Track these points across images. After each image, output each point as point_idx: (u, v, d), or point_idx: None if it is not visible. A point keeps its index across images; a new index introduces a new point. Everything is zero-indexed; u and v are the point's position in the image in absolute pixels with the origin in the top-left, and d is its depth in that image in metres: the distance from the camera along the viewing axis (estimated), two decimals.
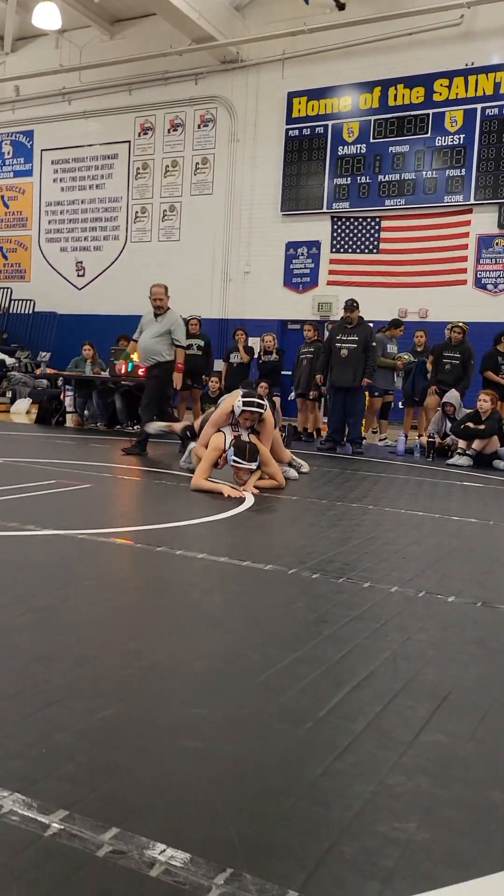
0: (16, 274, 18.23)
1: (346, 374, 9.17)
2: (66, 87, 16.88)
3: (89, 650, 2.16)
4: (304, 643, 2.30)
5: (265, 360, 11.11)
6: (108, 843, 1.26)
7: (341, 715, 1.82)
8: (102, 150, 16.89)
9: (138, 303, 16.00)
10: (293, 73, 14.40)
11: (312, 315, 14.14)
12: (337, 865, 1.25)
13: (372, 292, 13.35)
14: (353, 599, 2.81)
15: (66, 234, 17.50)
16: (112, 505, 4.87)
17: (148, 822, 1.34)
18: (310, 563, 3.36)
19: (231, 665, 2.11)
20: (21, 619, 2.36)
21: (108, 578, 2.99)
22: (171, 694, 1.89)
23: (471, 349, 9.78)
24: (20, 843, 1.25)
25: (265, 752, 1.63)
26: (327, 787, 1.49)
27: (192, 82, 15.59)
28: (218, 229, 15.46)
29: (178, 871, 1.21)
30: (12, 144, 18.23)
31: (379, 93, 13.60)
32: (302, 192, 14.44)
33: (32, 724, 1.68)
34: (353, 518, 4.59)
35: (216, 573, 3.12)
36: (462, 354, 9.70)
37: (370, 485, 6.27)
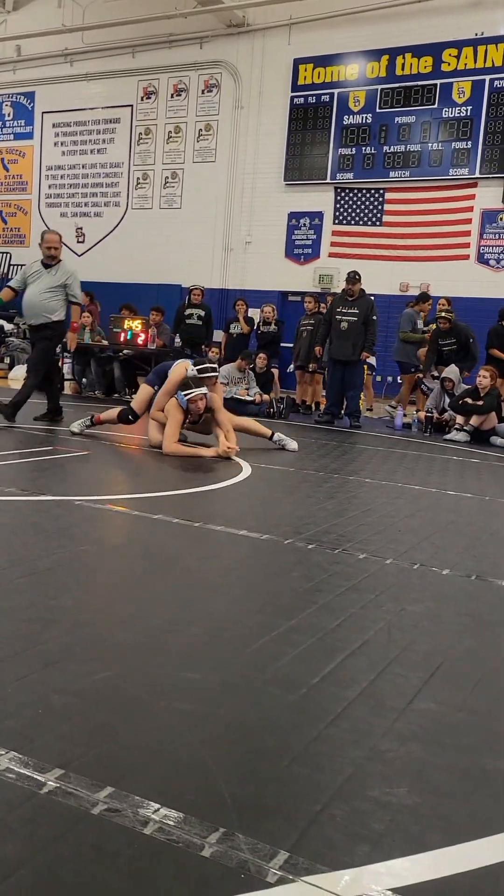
0: (15, 239, 18.04)
1: (345, 347, 9.13)
2: (69, 48, 16.56)
3: (86, 614, 2.18)
4: (299, 612, 2.32)
5: (264, 331, 11.06)
6: (102, 802, 1.28)
7: (335, 682, 1.83)
8: (104, 114, 16.63)
9: (139, 271, 15.92)
10: (300, 39, 14.14)
11: (313, 287, 14.04)
12: (328, 827, 1.27)
13: (374, 265, 13.24)
14: (349, 570, 2.83)
15: (67, 200, 17.29)
16: (110, 472, 4.87)
17: (142, 781, 1.36)
18: (306, 533, 3.37)
19: (226, 631, 2.12)
20: (19, 582, 2.37)
21: (106, 544, 3.00)
22: (167, 658, 1.91)
23: (465, 330, 9.70)
24: (16, 799, 1.27)
25: (259, 716, 1.65)
26: (320, 752, 1.51)
27: (197, 46, 15.31)
28: (220, 198, 15.28)
29: (171, 829, 1.22)
30: (13, 106, 17.93)
31: (386, 61, 13.36)
32: (306, 162, 14.26)
33: (29, 684, 1.69)
34: (350, 490, 4.60)
35: (213, 541, 3.13)
36: (458, 337, 9.64)
37: (367, 458, 6.28)
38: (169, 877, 1.11)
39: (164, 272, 15.66)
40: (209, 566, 2.80)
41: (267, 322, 11.07)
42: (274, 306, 11.51)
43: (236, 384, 9.86)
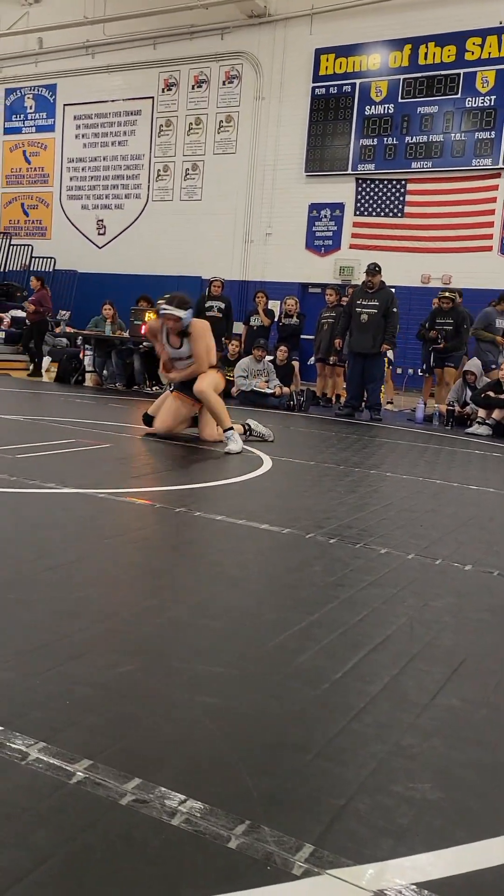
0: (37, 231, 18.14)
1: (365, 340, 9.11)
2: (90, 40, 16.60)
3: (109, 606, 2.20)
4: (321, 606, 2.33)
5: (285, 323, 11.05)
6: (130, 793, 1.30)
7: (358, 677, 1.84)
8: (125, 106, 16.66)
9: (159, 263, 15.96)
10: (321, 29, 14.07)
11: (334, 279, 14.00)
12: (352, 821, 1.28)
13: (395, 257, 13.18)
14: (370, 565, 2.83)
15: (88, 192, 17.36)
16: (131, 465, 4.90)
17: (168, 773, 1.38)
18: (327, 527, 3.38)
19: (247, 625, 2.14)
20: (43, 575, 2.40)
21: (128, 537, 3.02)
22: (189, 651, 1.93)
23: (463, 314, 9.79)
24: (46, 788, 1.29)
25: (281, 710, 1.66)
26: (343, 746, 1.52)
27: (219, 37, 15.29)
28: (240, 189, 15.27)
29: (197, 820, 1.24)
30: (35, 98, 18.01)
31: (409, 51, 13.27)
32: (327, 153, 14.21)
33: (55, 676, 1.72)
34: (371, 484, 4.60)
35: (234, 535, 3.15)
36: (455, 320, 9.69)
37: (388, 452, 6.27)
38: (197, 867, 1.13)
39: (184, 264, 15.69)
40: (231, 560, 2.82)
41: (289, 314, 11.05)
42: (296, 299, 11.49)
43: (256, 376, 9.87)
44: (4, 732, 1.46)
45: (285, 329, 11.02)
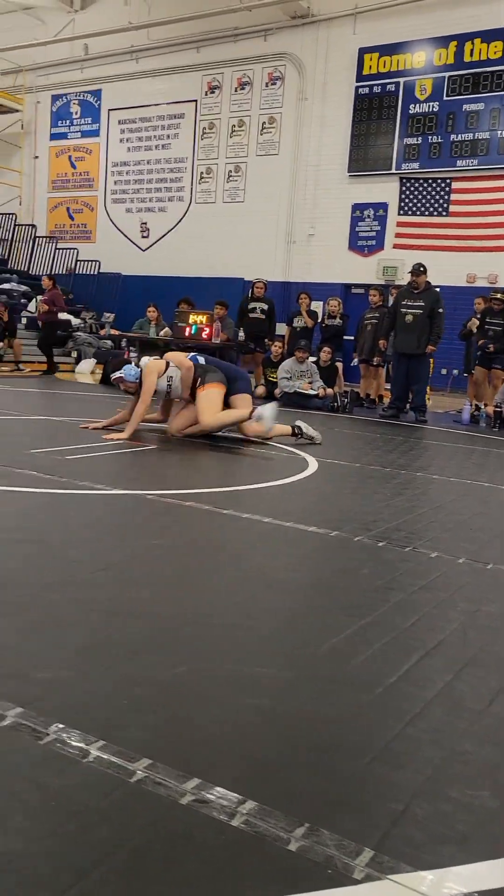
0: (82, 235, 18.40)
1: (410, 340, 9.05)
2: (135, 45, 16.78)
3: (161, 607, 2.23)
4: (371, 610, 2.32)
5: (328, 324, 11.02)
6: (189, 793, 1.32)
7: (411, 682, 1.84)
8: (169, 110, 16.81)
9: (202, 265, 16.05)
10: (365, 28, 14.01)
11: (377, 279, 13.92)
12: (411, 827, 1.28)
13: (440, 256, 13.05)
14: (420, 569, 2.81)
15: (132, 195, 17.55)
16: (177, 466, 4.94)
17: (225, 774, 1.39)
18: (375, 530, 3.36)
19: (298, 628, 2.15)
20: (96, 576, 2.44)
21: (177, 538, 3.05)
22: (241, 653, 1.94)
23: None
24: (108, 786, 1.32)
25: (336, 713, 1.67)
26: (399, 751, 1.52)
27: (262, 39, 15.33)
28: (283, 190, 15.28)
29: (256, 822, 1.25)
30: (80, 104, 18.27)
31: (454, 48, 13.13)
32: (370, 153, 14.14)
33: (112, 676, 1.75)
34: (418, 487, 4.57)
35: (282, 537, 3.16)
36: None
37: (434, 453, 6.21)
38: (258, 869, 1.14)
39: (226, 266, 15.76)
40: (279, 562, 2.83)
41: (332, 315, 11.02)
42: (339, 300, 11.46)
43: (299, 378, 9.86)
44: (66, 730, 1.49)
45: (328, 330, 10.99)
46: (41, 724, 1.51)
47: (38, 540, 2.80)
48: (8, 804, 1.25)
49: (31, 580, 2.35)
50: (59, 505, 3.42)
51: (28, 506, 3.35)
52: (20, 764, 1.37)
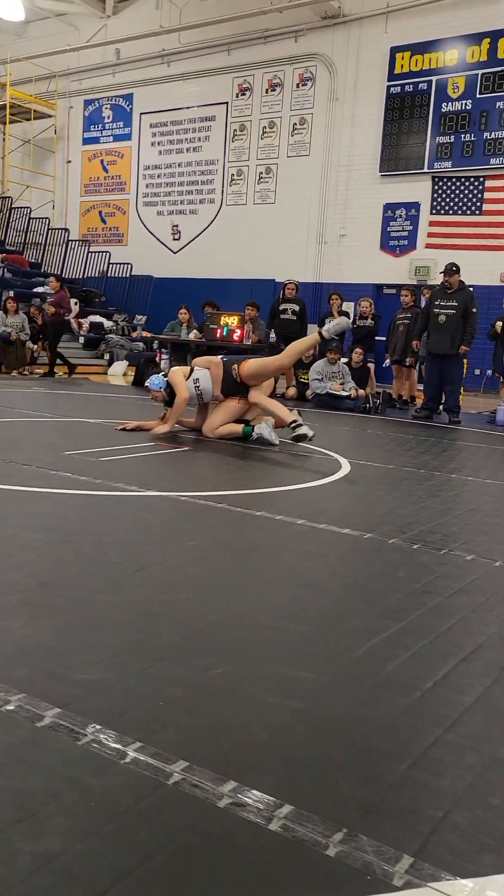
0: (114, 238, 18.55)
1: (443, 341, 8.96)
2: (166, 49, 16.88)
3: (197, 609, 2.23)
4: (407, 613, 2.30)
5: (360, 325, 10.96)
6: (227, 795, 1.32)
7: (450, 687, 1.82)
8: (200, 112, 16.87)
9: (233, 266, 16.09)
10: (397, 27, 13.93)
11: (409, 279, 13.82)
12: (451, 834, 1.26)
13: (473, 255, 12.91)
14: (456, 572, 2.78)
15: (163, 198, 17.65)
16: (210, 468, 4.95)
17: (263, 777, 1.39)
18: (410, 532, 3.34)
19: (334, 631, 2.14)
20: (133, 577, 2.46)
21: (210, 540, 3.06)
22: (277, 655, 1.94)
23: None
24: (146, 788, 1.32)
25: (374, 718, 1.65)
26: (438, 757, 1.50)
27: (292, 40, 15.32)
28: (314, 191, 15.25)
29: (294, 826, 1.25)
30: (112, 108, 18.42)
31: (488, 45, 13.00)
32: (402, 152, 14.04)
33: (149, 677, 1.75)
34: (453, 489, 4.52)
35: (316, 539, 3.15)
36: None
37: (469, 455, 6.14)
38: (297, 874, 1.14)
39: (258, 267, 15.77)
40: (314, 564, 2.82)
41: (363, 316, 10.96)
42: (371, 300, 11.39)
43: (330, 379, 9.82)
44: (103, 731, 1.50)
45: (360, 331, 10.93)
46: (79, 724, 1.52)
47: (74, 541, 2.83)
48: (48, 804, 1.26)
49: (67, 581, 2.37)
50: (94, 506, 3.45)
51: (63, 507, 3.38)
52: (59, 764, 1.38)
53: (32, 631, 1.97)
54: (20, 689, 1.64)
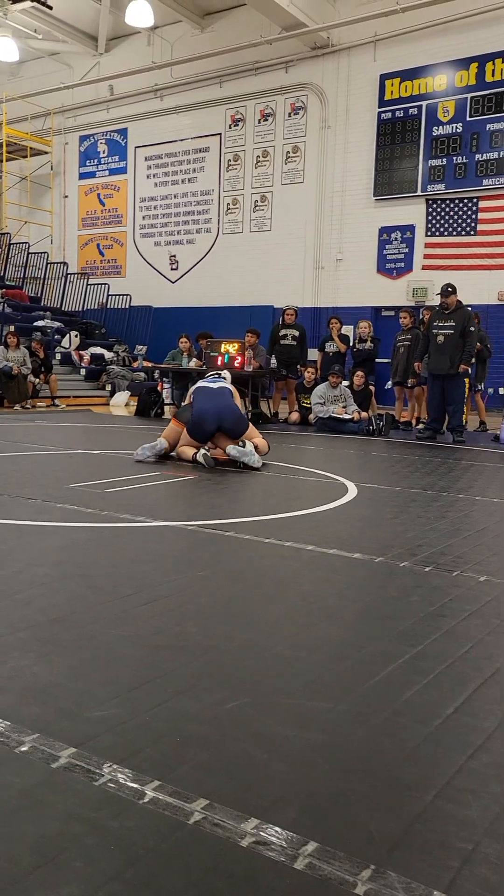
0: (112, 270, 18.70)
1: (442, 361, 8.98)
2: (158, 84, 17.15)
3: (210, 640, 2.20)
4: (423, 638, 2.27)
5: (360, 348, 11.00)
6: (249, 834, 1.28)
7: (470, 713, 1.78)
8: (194, 144, 17.09)
9: (231, 294, 16.19)
10: (385, 55, 14.15)
11: (407, 301, 13.90)
12: (483, 867, 1.23)
13: (470, 275, 13.00)
14: (470, 594, 2.75)
15: (160, 229, 17.82)
16: (216, 496, 4.93)
17: (285, 813, 1.36)
18: (421, 555, 3.31)
19: (350, 658, 2.10)
20: (142, 609, 2.43)
21: (220, 569, 3.03)
22: (293, 685, 1.90)
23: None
24: (166, 829, 1.29)
25: (394, 748, 1.62)
26: (463, 786, 1.47)
27: (283, 71, 15.55)
28: (309, 217, 15.39)
29: (320, 864, 1.21)
30: (107, 143, 18.67)
31: (476, 69, 13.19)
32: (395, 176, 14.20)
33: (164, 712, 1.72)
34: (461, 509, 4.49)
35: (326, 565, 3.12)
36: None
37: (475, 475, 6.12)
38: None
39: (256, 294, 15.88)
40: (325, 591, 2.79)
41: (363, 339, 11.00)
42: (370, 323, 11.43)
43: (333, 403, 9.83)
44: (119, 770, 1.47)
45: (360, 354, 10.96)
46: (94, 764, 1.49)
47: (83, 575, 2.80)
48: (67, 848, 1.23)
49: (78, 616, 2.34)
50: (102, 539, 3.43)
51: (71, 541, 3.36)
52: (77, 806, 1.35)
53: (44, 668, 1.94)
54: (34, 729, 1.61)
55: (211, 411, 6.00)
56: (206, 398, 6.10)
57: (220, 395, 6.16)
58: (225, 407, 6.06)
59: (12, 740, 1.57)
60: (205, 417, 5.98)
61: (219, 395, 6.16)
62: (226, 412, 6.04)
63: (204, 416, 5.98)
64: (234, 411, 6.12)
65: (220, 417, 6.01)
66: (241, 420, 6.20)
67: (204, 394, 6.17)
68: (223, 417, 6.02)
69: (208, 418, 5.98)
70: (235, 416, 6.11)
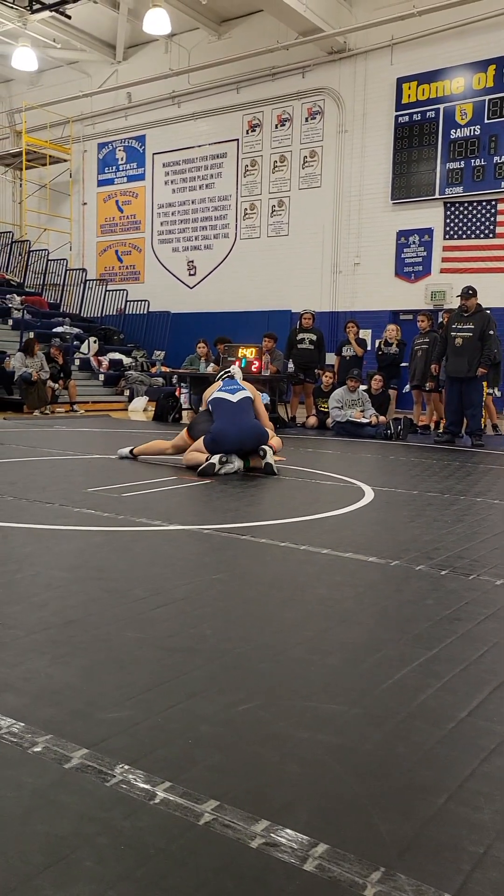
0: (131, 276, 18.80)
1: (460, 364, 8.94)
2: (176, 91, 17.23)
3: (225, 643, 2.20)
4: (438, 641, 2.26)
5: (385, 352, 10.95)
6: (259, 835, 1.29)
7: (485, 716, 1.77)
8: (211, 150, 17.14)
9: (249, 300, 16.22)
10: (402, 58, 14.12)
11: (426, 304, 13.83)
12: (494, 871, 1.22)
13: (489, 278, 12.92)
14: (486, 597, 2.73)
15: (178, 235, 17.89)
16: (233, 500, 4.94)
17: (296, 815, 1.36)
18: (437, 559, 3.29)
19: (365, 661, 2.10)
20: (158, 612, 2.44)
21: (237, 572, 3.04)
22: (308, 688, 1.90)
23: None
24: (176, 829, 1.29)
25: (408, 750, 1.61)
26: (477, 790, 1.46)
27: (300, 76, 15.57)
28: (327, 222, 15.38)
29: (330, 866, 1.21)
30: (125, 150, 18.79)
31: (493, 71, 13.12)
32: (413, 179, 14.15)
33: (178, 714, 1.73)
34: (479, 513, 4.46)
35: (342, 569, 3.11)
36: None
37: (493, 478, 6.08)
38: None
39: (273, 299, 15.88)
40: (341, 594, 2.78)
41: (388, 343, 10.95)
42: (398, 327, 11.33)
43: (350, 406, 9.81)
44: (131, 771, 1.48)
45: (384, 358, 10.91)
46: (107, 765, 1.50)
47: (99, 578, 2.82)
48: (78, 848, 1.24)
49: (92, 619, 2.36)
50: (118, 542, 3.44)
51: (87, 544, 3.38)
52: (89, 806, 1.36)
53: (58, 670, 1.95)
54: (47, 731, 1.62)
55: (233, 435, 5.79)
56: (228, 416, 5.90)
57: (241, 410, 5.95)
58: (248, 428, 5.86)
59: (26, 741, 1.58)
60: (226, 439, 5.78)
61: (240, 410, 5.94)
62: (248, 434, 5.84)
63: (225, 437, 5.78)
64: (255, 431, 5.89)
65: (241, 441, 5.81)
66: (262, 437, 5.93)
67: (225, 409, 5.95)
68: (245, 441, 5.83)
69: (229, 440, 5.78)
70: (256, 436, 5.88)
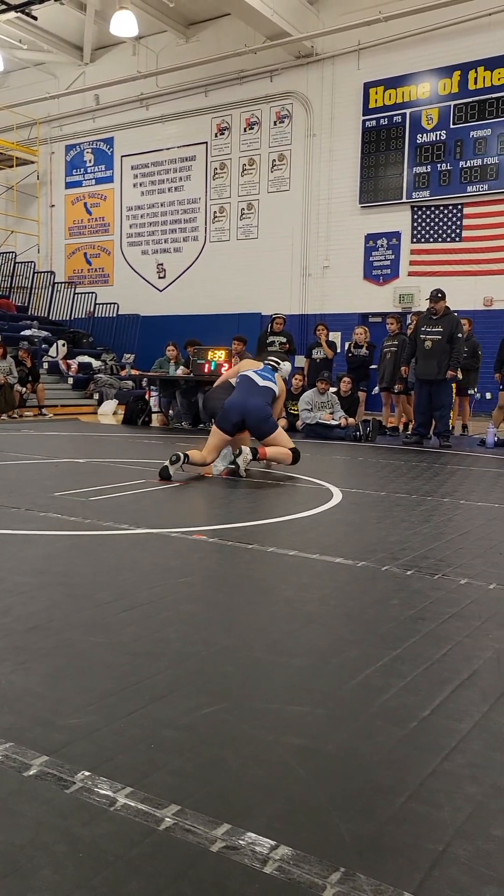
0: (100, 279, 18.69)
1: (430, 366, 9.02)
2: (144, 93, 17.19)
3: (189, 647, 2.19)
4: (402, 641, 2.27)
5: (355, 354, 11.01)
6: (220, 839, 1.28)
7: (447, 714, 1.78)
8: (180, 153, 17.12)
9: (219, 302, 16.21)
10: (369, 63, 14.23)
11: (394, 307, 13.94)
12: (452, 868, 1.23)
13: (456, 281, 13.06)
14: (451, 596, 2.76)
15: (147, 238, 17.83)
16: (201, 503, 4.92)
17: (258, 818, 1.35)
18: (403, 559, 3.31)
19: (329, 662, 2.10)
20: (122, 616, 2.42)
21: (202, 575, 3.03)
22: (272, 691, 1.90)
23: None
24: (136, 835, 1.28)
25: (370, 750, 1.62)
26: (437, 788, 1.47)
27: (268, 79, 15.62)
28: (296, 225, 15.43)
29: (290, 868, 1.21)
30: (94, 152, 18.69)
31: (458, 77, 13.28)
32: (380, 183, 14.26)
33: (139, 719, 1.72)
34: (445, 513, 4.50)
35: (309, 570, 3.12)
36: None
37: (460, 479, 6.14)
38: None
39: (243, 302, 15.90)
40: (307, 596, 2.79)
41: (358, 345, 11.01)
42: (366, 329, 11.42)
43: (320, 408, 9.85)
44: (91, 778, 1.46)
45: (355, 360, 10.97)
46: (67, 772, 1.48)
47: (63, 583, 2.79)
48: (35, 857, 1.22)
49: (56, 624, 2.33)
50: (84, 546, 3.41)
51: (53, 549, 3.35)
52: (47, 814, 1.34)
53: (19, 677, 1.93)
54: (7, 738, 1.60)
55: (237, 405, 5.92)
56: (244, 391, 6.04)
57: (258, 392, 6.05)
58: (254, 406, 5.94)
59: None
60: (232, 409, 5.93)
61: (257, 392, 6.05)
62: (253, 410, 5.92)
63: (232, 407, 5.94)
64: (261, 411, 5.95)
65: (244, 413, 5.90)
66: (267, 423, 5.99)
67: (245, 386, 6.08)
68: (248, 414, 5.91)
69: (234, 411, 5.91)
70: (261, 417, 5.94)
